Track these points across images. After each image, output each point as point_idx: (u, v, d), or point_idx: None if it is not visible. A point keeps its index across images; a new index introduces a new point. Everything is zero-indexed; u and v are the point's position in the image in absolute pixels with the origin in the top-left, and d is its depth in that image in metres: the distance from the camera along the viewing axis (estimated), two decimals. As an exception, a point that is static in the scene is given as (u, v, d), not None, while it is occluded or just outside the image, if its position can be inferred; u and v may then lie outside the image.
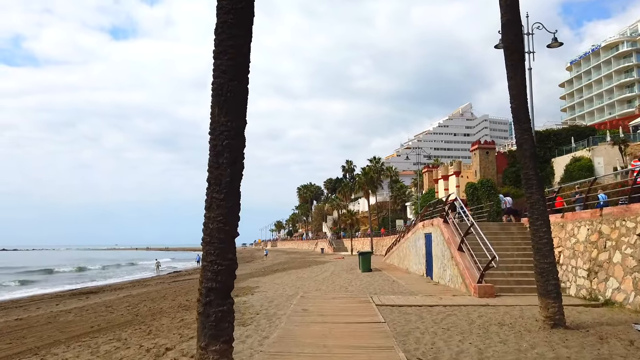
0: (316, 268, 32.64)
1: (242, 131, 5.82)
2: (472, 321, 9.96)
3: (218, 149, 5.65)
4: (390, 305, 12.39)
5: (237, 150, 5.70)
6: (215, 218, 5.54)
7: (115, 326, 11.36)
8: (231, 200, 5.59)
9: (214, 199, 5.58)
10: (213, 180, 5.64)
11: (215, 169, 5.64)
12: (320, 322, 9.94)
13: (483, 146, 60.70)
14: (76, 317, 13.75)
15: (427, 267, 21.60)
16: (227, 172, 5.59)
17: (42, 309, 17.97)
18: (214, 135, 5.71)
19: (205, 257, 5.56)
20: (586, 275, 13.35)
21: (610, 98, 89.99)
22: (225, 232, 5.53)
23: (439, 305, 12.30)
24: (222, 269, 5.47)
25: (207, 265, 5.52)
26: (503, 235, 17.88)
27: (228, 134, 5.65)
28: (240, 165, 5.74)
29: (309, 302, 12.81)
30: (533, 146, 9.48)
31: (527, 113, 9.58)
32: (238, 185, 5.73)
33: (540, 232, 9.19)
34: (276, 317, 10.62)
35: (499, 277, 14.95)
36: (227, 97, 5.70)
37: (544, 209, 9.32)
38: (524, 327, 9.17)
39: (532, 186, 9.30)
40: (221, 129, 5.67)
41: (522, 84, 9.54)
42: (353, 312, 11.21)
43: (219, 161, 5.63)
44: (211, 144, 5.72)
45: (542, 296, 9.14)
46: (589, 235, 13.59)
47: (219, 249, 5.50)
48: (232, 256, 5.56)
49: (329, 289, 17.60)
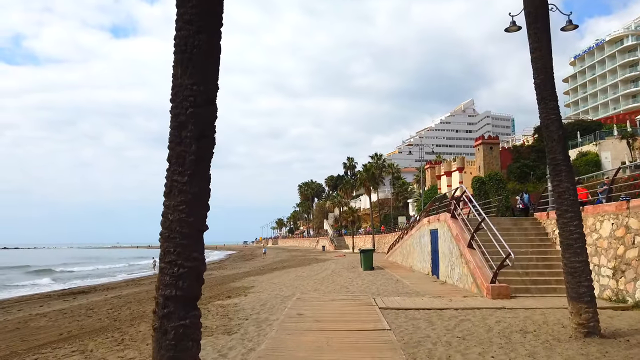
0: (316, 266, 31.46)
1: (213, 98, 4.59)
2: (489, 328, 8.73)
3: (180, 120, 4.43)
4: (395, 308, 11.16)
5: (205, 121, 4.48)
6: (177, 207, 4.32)
7: (87, 333, 10.15)
8: (197, 185, 4.37)
9: (175, 183, 4.36)
10: (174, 158, 4.41)
11: (176, 145, 4.41)
12: (316, 329, 8.72)
13: (487, 141, 59.52)
14: (49, 322, 12.55)
15: (432, 265, 20.37)
16: (191, 149, 4.37)
17: (23, 312, 16.77)
18: (176, 103, 4.48)
19: (163, 257, 4.33)
20: (611, 274, 12.10)
21: (615, 93, 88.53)
22: (188, 225, 4.31)
23: (449, 308, 11.06)
24: (185, 272, 4.24)
25: (165, 267, 4.29)
26: (515, 230, 16.63)
27: (193, 101, 4.42)
28: (210, 140, 4.52)
29: (305, 305, 11.59)
30: (561, 127, 8.25)
31: (553, 89, 8.35)
32: (207, 165, 4.51)
33: (570, 226, 7.95)
34: (267, 324, 9.40)
35: (513, 277, 13.72)
36: (193, 54, 4.47)
37: (575, 199, 8.08)
38: (552, 336, 7.94)
39: (560, 173, 8.06)
40: (185, 93, 4.44)
41: (548, 55, 8.30)
42: (354, 317, 9.98)
43: (182, 135, 4.41)
44: (172, 113, 4.49)
45: (574, 300, 7.90)
46: (613, 231, 12.34)
47: (180, 246, 4.28)
48: (197, 255, 4.33)
49: (328, 289, 16.39)
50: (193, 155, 4.38)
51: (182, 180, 4.35)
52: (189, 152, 4.38)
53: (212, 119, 4.57)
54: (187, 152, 4.38)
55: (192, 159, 4.38)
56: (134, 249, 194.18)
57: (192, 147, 4.38)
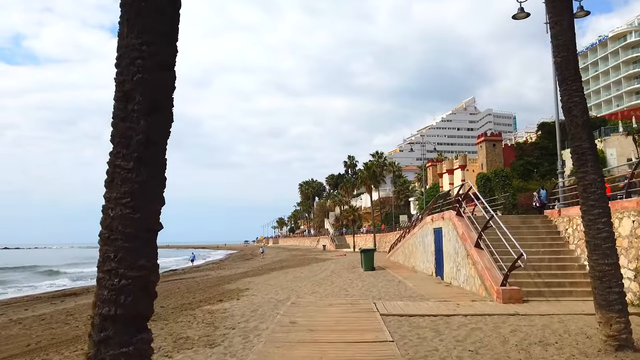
0: (316, 266, 30.50)
1: (169, 63, 3.62)
2: (505, 339, 7.76)
3: (126, 88, 3.47)
4: (398, 314, 10.17)
5: (158, 91, 3.52)
6: (119, 200, 3.37)
7: (56, 344, 9.20)
8: (146, 171, 3.41)
9: (118, 169, 3.41)
10: (118, 138, 3.46)
11: (120, 121, 3.46)
12: (309, 340, 7.76)
13: (489, 138, 58.57)
14: (21, 331, 11.60)
15: (436, 266, 19.38)
16: (139, 126, 3.42)
17: (5, 316, 15.83)
18: (121, 67, 3.52)
19: (101, 265, 3.38)
20: (632, 276, 11.13)
21: (619, 90, 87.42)
22: (134, 223, 3.35)
23: (458, 314, 10.07)
24: (127, 284, 3.29)
25: (103, 277, 3.33)
26: (525, 229, 15.63)
27: (142, 65, 3.46)
28: (164, 116, 3.56)
29: (299, 312, 10.61)
30: (586, 111, 7.28)
31: (576, 68, 7.37)
32: (160, 147, 3.55)
33: (598, 224, 6.98)
34: (255, 334, 8.43)
35: (524, 279, 12.75)
36: (141, 7, 3.51)
37: (603, 193, 7.11)
38: (578, 349, 6.98)
39: (586, 163, 7.10)
40: (132, 55, 3.48)
41: (569, 30, 7.33)
42: (352, 326, 9.00)
43: (128, 107, 3.45)
44: (117, 81, 3.54)
45: (603, 308, 6.92)
46: (634, 229, 11.36)
47: (122, 250, 3.32)
48: (145, 262, 3.36)
49: (326, 291, 15.42)
50: (141, 134, 3.42)
51: (127, 166, 3.39)
52: (137, 130, 3.42)
53: (168, 89, 3.60)
54: (133, 129, 3.42)
55: (140, 138, 3.42)
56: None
57: (141, 124, 3.42)
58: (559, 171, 18.22)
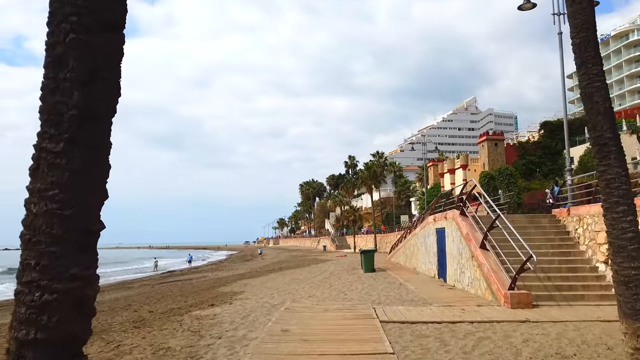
0: (315, 267, 29.78)
1: (114, 21, 2.86)
2: (517, 350, 7.03)
3: (57, 52, 2.72)
4: (399, 321, 9.44)
5: (98, 56, 2.78)
6: (44, 192, 2.62)
7: None
8: (80, 156, 2.67)
9: (44, 154, 2.66)
10: (46, 115, 2.71)
11: (50, 93, 2.72)
12: (302, 352, 7.03)
13: (491, 137, 57.85)
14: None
15: (439, 268, 18.65)
16: (72, 99, 2.67)
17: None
18: (52, 26, 2.79)
19: (21, 275, 2.64)
20: (650, 279, 10.37)
21: (621, 89, 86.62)
22: (63, 222, 2.61)
23: (463, 321, 9.33)
24: (52, 300, 2.55)
25: (22, 290, 2.60)
26: (532, 229, 14.90)
27: (77, 22, 2.71)
28: (108, 87, 2.83)
29: (293, 318, 9.88)
30: (608, 98, 6.55)
31: (597, 51, 6.66)
32: (102, 128, 2.81)
33: (622, 223, 6.23)
34: (243, 344, 7.70)
35: (533, 282, 12.03)
36: (79, -50, 2.78)
37: (628, 188, 6.36)
38: (600, 363, 6.26)
39: (608, 155, 6.35)
40: (65, 11, 2.75)
41: (589, 8, 6.62)
42: (350, 335, 8.26)
43: (59, 76, 2.71)
44: (47, 43, 2.81)
45: (629, 317, 6.17)
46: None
47: (47, 255, 2.58)
48: (78, 272, 2.62)
49: (324, 295, 14.69)
50: (75, 108, 2.67)
51: (55, 149, 2.64)
52: (69, 104, 2.68)
53: (112, 54, 2.85)
54: (65, 103, 2.67)
55: (74, 114, 2.67)
56: (135, 249, 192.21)
57: (74, 96, 2.67)
58: (567, 168, 17.46)
